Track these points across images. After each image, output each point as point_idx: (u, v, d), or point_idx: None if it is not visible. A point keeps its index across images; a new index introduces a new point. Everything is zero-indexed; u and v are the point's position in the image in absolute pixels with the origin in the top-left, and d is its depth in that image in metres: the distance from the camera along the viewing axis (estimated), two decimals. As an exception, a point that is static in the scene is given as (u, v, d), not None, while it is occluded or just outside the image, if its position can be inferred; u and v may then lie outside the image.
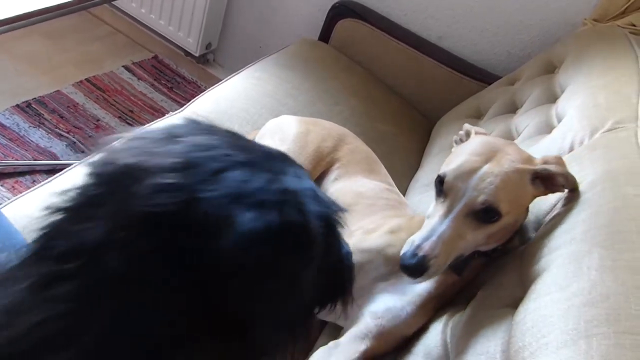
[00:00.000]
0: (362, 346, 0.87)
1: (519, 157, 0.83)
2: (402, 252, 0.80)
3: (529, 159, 0.84)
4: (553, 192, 0.84)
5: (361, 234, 0.99)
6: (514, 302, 0.72)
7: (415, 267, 0.77)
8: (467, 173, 0.80)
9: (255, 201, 0.42)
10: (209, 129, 0.52)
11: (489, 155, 0.82)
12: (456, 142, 0.96)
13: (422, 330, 0.86)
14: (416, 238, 0.80)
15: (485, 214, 0.79)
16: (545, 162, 0.83)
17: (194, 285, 0.40)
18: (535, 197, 0.84)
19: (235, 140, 0.51)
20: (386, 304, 0.90)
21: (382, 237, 0.97)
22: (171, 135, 0.49)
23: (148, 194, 0.41)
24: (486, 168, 0.80)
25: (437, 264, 0.78)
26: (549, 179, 0.83)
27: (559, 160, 0.84)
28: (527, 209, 0.87)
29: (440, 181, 0.83)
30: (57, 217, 0.45)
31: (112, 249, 0.40)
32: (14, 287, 0.42)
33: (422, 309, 0.88)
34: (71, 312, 0.40)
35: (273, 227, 0.42)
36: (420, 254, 0.77)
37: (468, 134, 0.94)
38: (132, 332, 0.40)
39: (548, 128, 1.20)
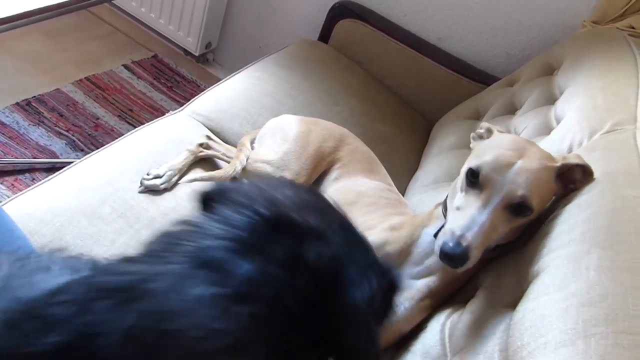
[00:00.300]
0: None
1: (545, 155, 0.86)
2: (441, 242, 0.80)
3: (552, 157, 0.86)
4: (570, 190, 0.86)
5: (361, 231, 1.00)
6: (513, 302, 0.73)
7: (460, 257, 0.78)
8: (504, 166, 0.81)
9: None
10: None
11: (521, 152, 0.83)
12: (474, 139, 0.97)
13: (420, 329, 0.87)
14: (456, 228, 0.80)
15: (519, 207, 0.80)
16: (565, 159, 0.86)
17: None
18: (555, 194, 0.87)
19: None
20: None
21: (382, 234, 0.97)
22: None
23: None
24: (521, 163, 0.81)
25: (475, 255, 0.79)
26: (568, 174, 0.85)
27: (577, 156, 0.87)
28: None
29: (473, 174, 0.83)
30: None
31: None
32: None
33: (420, 305, 0.89)
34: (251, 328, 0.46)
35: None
36: (465, 244, 0.77)
37: (490, 131, 0.94)
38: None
39: (547, 129, 1.20)
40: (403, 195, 1.36)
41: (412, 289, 0.89)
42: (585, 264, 0.67)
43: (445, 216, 0.90)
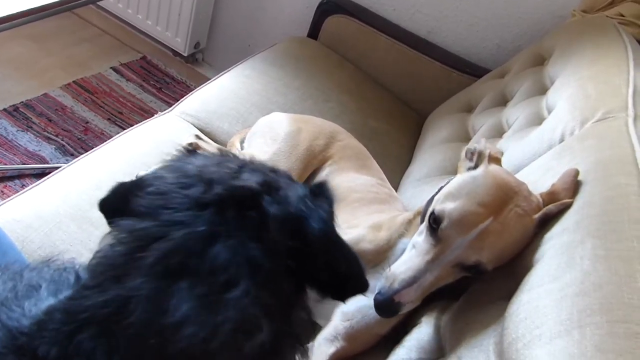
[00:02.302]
0: (331, 348, 0.86)
1: (529, 206, 0.76)
2: (378, 286, 0.76)
3: (535, 207, 0.77)
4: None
5: (344, 229, 0.98)
6: (507, 294, 0.72)
7: (388, 310, 0.75)
8: (467, 227, 0.73)
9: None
10: None
11: (497, 207, 0.73)
12: (466, 155, 0.87)
13: (415, 324, 0.86)
14: (397, 279, 0.75)
15: (472, 269, 0.75)
16: (547, 207, 0.77)
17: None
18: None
19: None
20: (357, 304, 0.87)
21: (361, 231, 0.95)
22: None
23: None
24: (489, 224, 0.72)
25: (410, 306, 0.76)
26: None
27: (565, 190, 0.78)
28: None
29: (435, 220, 0.76)
30: None
31: None
32: None
33: None
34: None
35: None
36: (397, 300, 0.74)
37: (481, 156, 0.83)
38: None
39: (538, 120, 1.20)
40: (396, 190, 1.35)
41: None
42: (580, 254, 0.66)
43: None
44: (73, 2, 1.45)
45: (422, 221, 0.84)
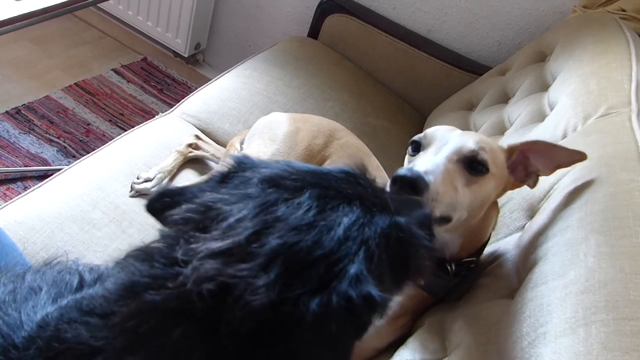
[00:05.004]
0: None
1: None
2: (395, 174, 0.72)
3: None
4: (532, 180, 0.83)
5: None
6: (511, 293, 0.71)
7: (418, 180, 0.70)
8: (447, 130, 0.81)
9: None
10: None
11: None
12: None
13: (418, 325, 0.85)
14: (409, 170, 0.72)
15: (473, 164, 0.76)
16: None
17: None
18: (513, 184, 0.83)
19: None
20: None
21: None
22: None
23: None
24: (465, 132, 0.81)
25: (441, 203, 0.71)
26: (524, 164, 0.82)
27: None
28: (497, 208, 0.86)
29: (415, 143, 0.82)
30: None
31: None
32: None
33: (393, 320, 0.85)
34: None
35: None
36: (427, 178, 0.71)
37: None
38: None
39: (541, 116, 1.19)
40: (398, 189, 1.35)
41: None
42: (584, 251, 0.66)
43: None
44: (74, 5, 1.45)
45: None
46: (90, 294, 0.51)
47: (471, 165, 0.76)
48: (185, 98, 1.51)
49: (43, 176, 1.77)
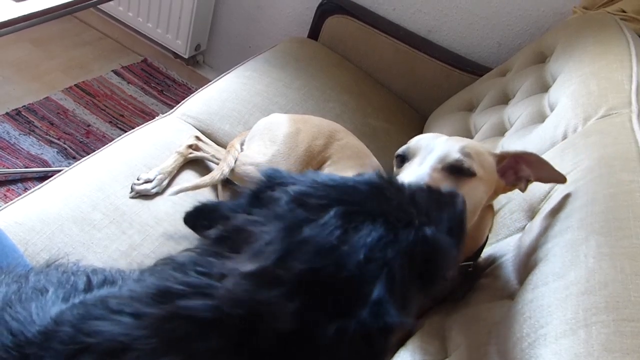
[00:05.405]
0: None
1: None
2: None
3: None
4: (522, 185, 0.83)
5: None
6: (511, 294, 0.71)
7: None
8: (431, 138, 0.82)
9: None
10: None
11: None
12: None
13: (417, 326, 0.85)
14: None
15: (459, 168, 0.76)
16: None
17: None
18: (504, 188, 0.83)
19: None
20: None
21: None
22: None
23: None
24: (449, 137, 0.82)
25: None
26: (515, 169, 0.82)
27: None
28: (492, 211, 0.86)
29: (400, 157, 0.82)
30: None
31: None
32: None
33: None
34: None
35: None
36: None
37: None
38: None
39: (541, 117, 1.19)
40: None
41: None
42: (584, 252, 0.66)
43: None
44: (74, 6, 1.45)
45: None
46: (115, 294, 0.52)
47: (456, 170, 0.77)
48: (186, 99, 1.51)
49: (43, 177, 1.77)
